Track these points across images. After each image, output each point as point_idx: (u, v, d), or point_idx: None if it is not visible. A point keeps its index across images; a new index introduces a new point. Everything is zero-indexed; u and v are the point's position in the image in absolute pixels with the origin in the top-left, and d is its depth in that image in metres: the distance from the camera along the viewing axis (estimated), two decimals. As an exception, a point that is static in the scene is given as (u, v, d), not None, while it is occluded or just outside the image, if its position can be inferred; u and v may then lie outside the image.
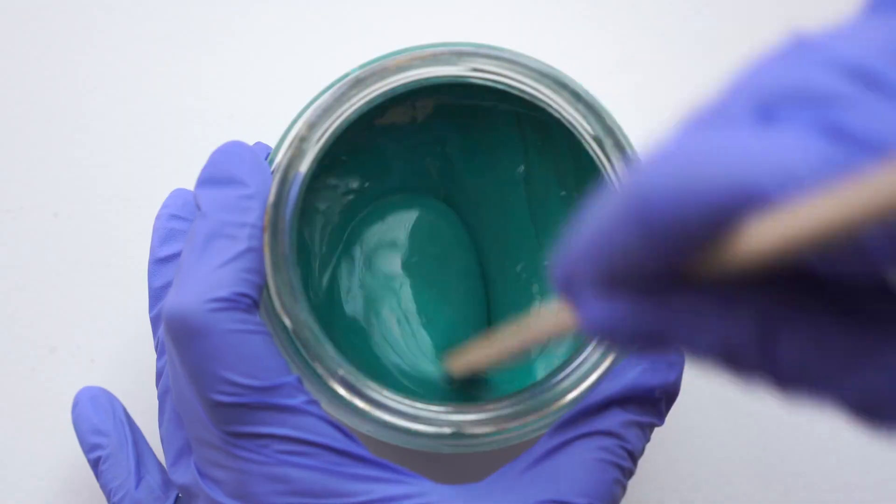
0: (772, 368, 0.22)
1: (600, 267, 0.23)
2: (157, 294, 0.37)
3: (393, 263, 0.41)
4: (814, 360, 0.21)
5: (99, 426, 0.38)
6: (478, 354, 0.36)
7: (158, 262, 0.37)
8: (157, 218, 0.38)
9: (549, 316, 0.30)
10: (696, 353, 0.22)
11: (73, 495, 0.42)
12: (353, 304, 0.40)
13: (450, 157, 0.41)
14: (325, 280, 0.40)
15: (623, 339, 0.23)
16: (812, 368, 0.21)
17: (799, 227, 0.19)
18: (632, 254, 0.22)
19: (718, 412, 0.44)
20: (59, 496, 0.42)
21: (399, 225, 0.41)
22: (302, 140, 0.36)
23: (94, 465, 0.38)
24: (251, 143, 0.38)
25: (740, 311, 0.22)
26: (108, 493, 0.37)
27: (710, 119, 0.22)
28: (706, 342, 0.22)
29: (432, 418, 0.35)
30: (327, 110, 0.36)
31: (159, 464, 0.38)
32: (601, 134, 0.37)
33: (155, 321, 0.37)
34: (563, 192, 0.41)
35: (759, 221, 0.20)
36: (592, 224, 0.23)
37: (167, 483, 0.37)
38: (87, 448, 0.38)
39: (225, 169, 0.35)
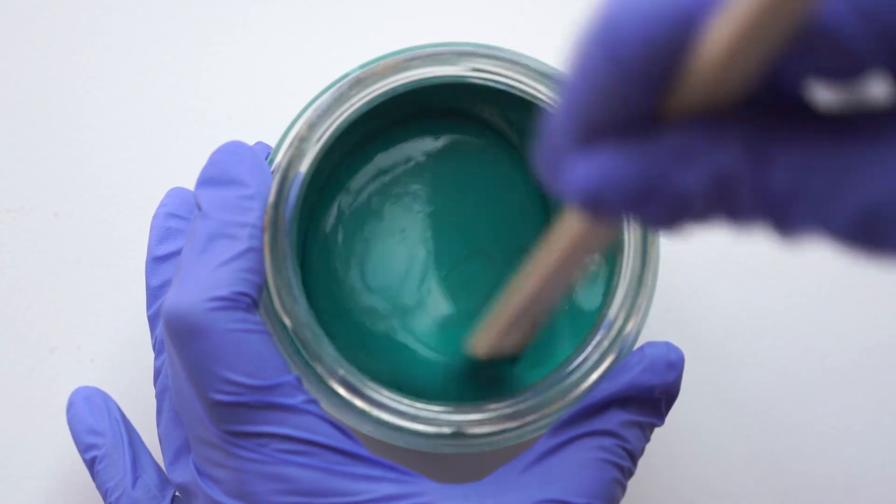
0: (767, 198, 0.21)
1: (577, 117, 0.22)
2: (154, 293, 0.37)
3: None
4: (808, 179, 0.21)
5: (94, 426, 0.38)
6: (504, 320, 0.34)
7: (156, 261, 0.37)
8: (155, 217, 0.38)
9: (561, 235, 0.28)
10: (690, 195, 0.22)
11: (73, 495, 0.42)
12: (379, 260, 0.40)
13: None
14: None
15: (615, 197, 0.22)
16: (807, 190, 0.21)
17: (750, 11, 0.19)
18: (607, 92, 0.21)
19: (718, 412, 0.44)
20: (60, 496, 0.42)
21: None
22: (302, 140, 0.36)
23: (90, 465, 0.38)
24: (251, 143, 0.38)
25: (729, 137, 0.21)
26: (105, 493, 0.37)
27: None
28: (699, 178, 0.21)
29: (432, 418, 0.35)
30: (327, 110, 0.36)
31: (156, 463, 0.38)
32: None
33: (152, 320, 0.37)
34: None
35: (717, 19, 0.20)
36: (565, 87, 0.22)
37: (164, 482, 0.37)
38: (83, 448, 0.38)
39: (225, 169, 0.35)
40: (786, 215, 0.21)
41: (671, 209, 0.22)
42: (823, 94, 0.22)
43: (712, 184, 0.21)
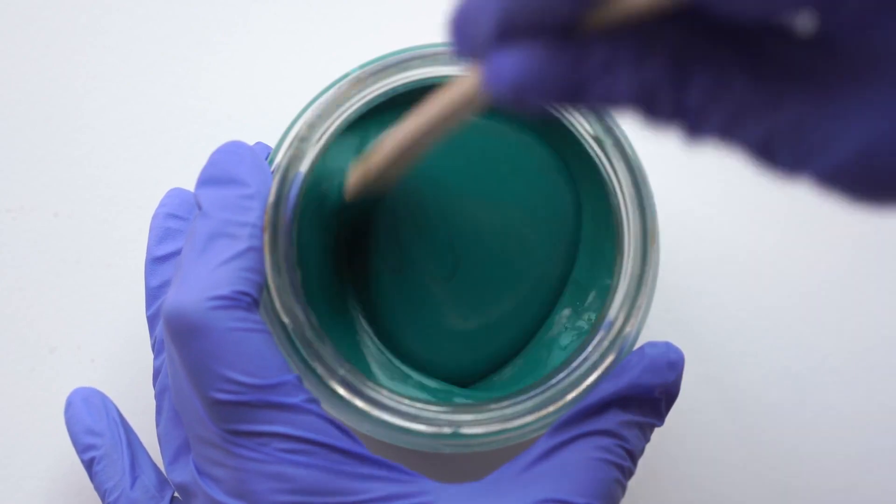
0: (685, 111, 0.23)
1: (504, 16, 0.23)
2: (153, 293, 0.37)
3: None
4: (721, 99, 0.22)
5: (92, 426, 0.38)
6: (381, 152, 0.34)
7: (155, 262, 0.37)
8: (154, 217, 0.38)
9: (453, 87, 0.29)
10: (613, 99, 0.23)
11: (73, 495, 0.42)
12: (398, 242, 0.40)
13: None
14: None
15: (540, 93, 0.23)
16: (719, 108, 0.22)
17: None
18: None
19: (718, 412, 0.44)
20: (60, 496, 0.42)
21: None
22: (302, 140, 0.36)
23: (89, 465, 0.38)
24: (251, 143, 0.38)
25: (655, 51, 0.22)
26: (103, 494, 0.37)
27: None
28: (623, 86, 0.23)
29: (432, 418, 0.35)
30: (327, 110, 0.36)
31: (154, 464, 0.38)
32: (601, 134, 0.37)
33: (152, 320, 0.37)
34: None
35: None
36: None
37: (162, 482, 0.37)
38: (81, 449, 0.38)
39: (225, 169, 0.35)
40: (696, 128, 0.23)
41: (592, 107, 0.23)
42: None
43: (635, 92, 0.23)
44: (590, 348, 0.36)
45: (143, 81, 0.44)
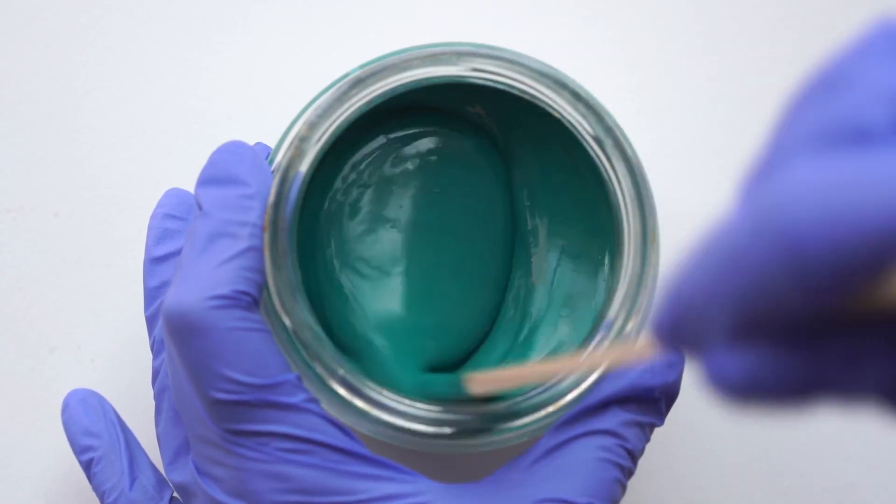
0: None
1: (737, 314, 0.20)
2: (152, 294, 0.37)
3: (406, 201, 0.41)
4: None
5: (90, 428, 0.38)
6: (507, 379, 0.34)
7: (154, 262, 0.37)
8: (152, 217, 0.38)
9: (622, 349, 0.28)
10: (856, 394, 0.20)
11: (72, 495, 0.42)
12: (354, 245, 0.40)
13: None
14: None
15: (762, 395, 0.20)
16: None
17: None
18: (781, 299, 0.19)
19: (718, 412, 0.44)
20: (59, 496, 0.42)
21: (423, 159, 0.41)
22: (302, 140, 0.36)
23: (87, 467, 0.38)
24: (251, 143, 0.38)
25: None
26: (102, 495, 0.37)
27: (835, 136, 0.20)
28: (869, 382, 0.20)
29: (432, 418, 0.35)
30: (327, 110, 0.36)
31: (152, 464, 0.38)
32: (601, 134, 0.37)
33: (150, 320, 0.37)
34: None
35: None
36: (717, 264, 0.20)
37: (161, 483, 0.37)
38: (79, 450, 0.38)
39: (226, 168, 0.35)
40: None
41: (829, 401, 0.21)
42: None
43: (882, 385, 0.20)
44: (590, 348, 0.36)
45: (143, 81, 0.44)
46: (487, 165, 0.41)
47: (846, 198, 0.18)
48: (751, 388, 0.20)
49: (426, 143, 0.41)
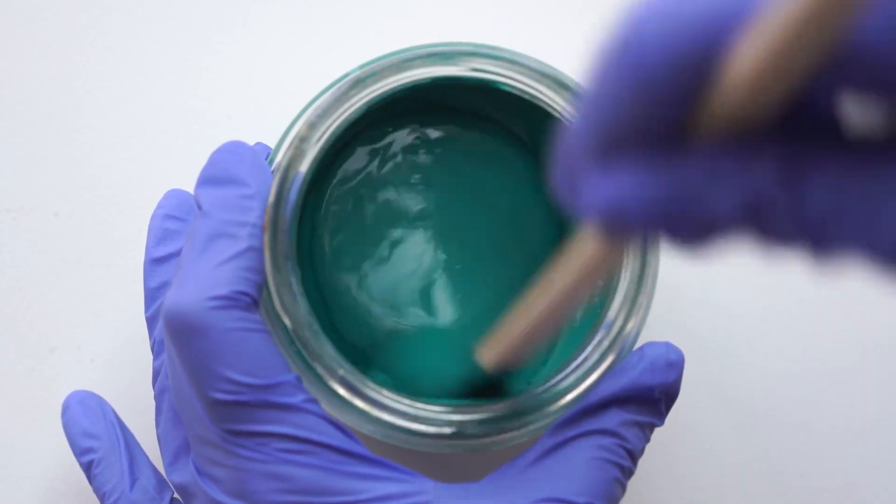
0: (802, 220, 0.20)
1: (598, 132, 0.21)
2: (152, 294, 0.37)
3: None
4: (848, 200, 0.20)
5: (90, 429, 0.38)
6: (513, 336, 0.33)
7: (154, 263, 0.37)
8: (153, 218, 0.38)
9: (573, 256, 0.27)
10: (720, 216, 0.20)
11: (72, 496, 0.42)
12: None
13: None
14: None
15: (639, 217, 0.21)
16: (847, 211, 0.20)
17: (782, 33, 0.18)
18: (630, 108, 0.20)
19: (718, 412, 0.44)
20: (59, 496, 0.42)
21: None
22: (302, 140, 0.36)
23: (87, 468, 0.38)
24: (251, 143, 0.38)
25: (762, 158, 0.20)
26: (102, 497, 0.37)
27: None
28: (730, 200, 0.20)
29: (432, 418, 0.35)
30: (327, 110, 0.36)
31: (153, 465, 0.38)
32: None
33: (151, 321, 0.37)
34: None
35: (750, 34, 0.19)
36: (583, 101, 0.21)
37: (161, 484, 0.37)
38: (79, 452, 0.38)
39: (225, 169, 0.35)
40: (823, 238, 0.20)
41: (699, 230, 0.21)
42: (859, 112, 0.21)
43: (745, 205, 0.20)
44: (590, 348, 0.36)
45: (143, 81, 0.44)
46: (519, 165, 0.41)
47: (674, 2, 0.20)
48: (625, 208, 0.21)
49: (449, 143, 0.41)
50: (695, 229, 0.21)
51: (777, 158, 0.20)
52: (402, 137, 0.41)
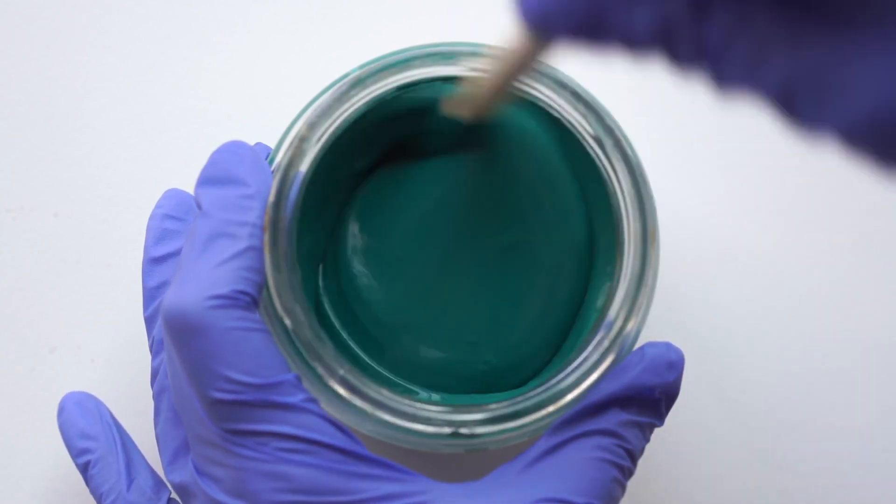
0: (703, 49, 0.22)
1: None
2: (151, 294, 0.37)
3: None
4: (743, 35, 0.22)
5: (86, 430, 0.38)
6: (477, 89, 0.35)
7: (153, 262, 0.37)
8: (151, 218, 0.38)
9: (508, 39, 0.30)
10: (633, 37, 0.23)
11: (72, 496, 0.42)
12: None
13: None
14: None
15: (560, 25, 0.23)
16: (741, 45, 0.22)
17: None
18: None
19: (718, 412, 0.44)
20: (59, 496, 0.42)
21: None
22: (302, 140, 0.36)
23: (84, 469, 0.38)
24: (251, 143, 0.38)
25: None
26: (99, 497, 0.37)
27: None
28: (642, 19, 0.22)
29: (432, 418, 0.35)
30: (327, 110, 0.36)
31: (149, 465, 0.38)
32: (601, 134, 0.37)
33: (149, 321, 0.37)
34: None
35: None
36: None
37: (159, 484, 0.37)
38: (76, 453, 0.38)
39: (225, 168, 0.35)
40: (719, 69, 0.22)
41: (614, 42, 0.23)
42: None
43: (655, 27, 0.22)
44: (590, 348, 0.36)
45: (143, 81, 0.44)
46: (510, 163, 0.41)
47: None
48: (548, 16, 0.23)
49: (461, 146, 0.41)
50: (610, 41, 0.23)
51: None
52: (403, 139, 0.41)
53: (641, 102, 0.45)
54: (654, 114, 0.45)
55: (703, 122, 0.45)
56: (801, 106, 0.21)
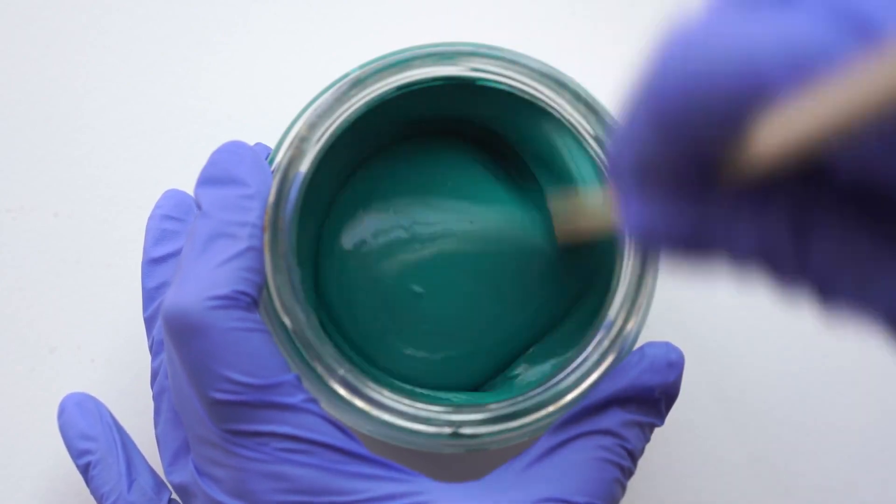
0: (808, 270, 0.21)
1: (632, 163, 0.22)
2: (150, 294, 0.37)
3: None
4: (846, 260, 0.21)
5: (87, 431, 0.38)
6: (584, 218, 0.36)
7: (152, 263, 0.37)
8: (150, 218, 0.38)
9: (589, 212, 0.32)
10: (735, 254, 0.22)
11: (72, 496, 0.42)
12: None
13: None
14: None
15: (660, 240, 0.23)
16: (845, 269, 0.21)
17: (807, 121, 0.19)
18: (653, 151, 0.21)
19: (718, 412, 0.44)
20: (59, 496, 0.42)
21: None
22: (302, 140, 0.36)
23: (84, 470, 0.38)
24: (251, 143, 0.38)
25: (776, 209, 0.21)
26: (100, 498, 0.37)
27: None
28: (743, 242, 0.22)
29: (432, 418, 0.35)
30: (327, 110, 0.36)
31: (150, 466, 0.38)
32: (601, 134, 0.37)
33: (149, 322, 0.37)
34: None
35: (770, 116, 0.20)
36: (623, 115, 0.22)
37: (159, 485, 0.37)
38: (77, 454, 0.38)
39: (226, 168, 0.35)
40: (828, 290, 0.22)
41: (715, 258, 0.23)
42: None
43: (757, 249, 0.22)
44: (590, 348, 0.36)
45: (143, 81, 0.44)
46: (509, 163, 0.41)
47: (708, 51, 0.20)
48: (651, 233, 0.23)
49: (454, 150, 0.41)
50: (712, 259, 0.23)
51: (789, 212, 0.21)
52: (403, 138, 0.41)
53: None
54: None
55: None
56: None
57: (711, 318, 0.44)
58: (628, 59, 0.45)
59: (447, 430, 0.35)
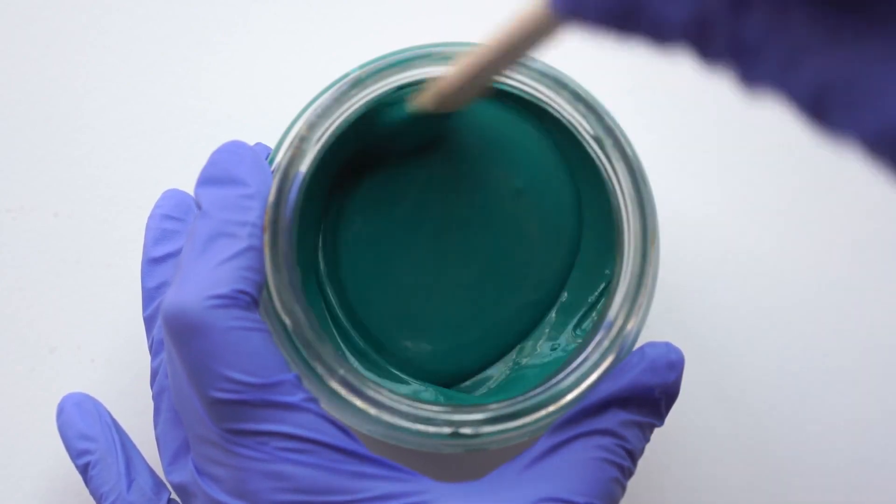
0: (737, 45, 0.22)
1: None
2: (150, 294, 0.37)
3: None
4: (779, 35, 0.21)
5: (86, 431, 0.38)
6: (451, 81, 0.34)
7: (152, 263, 0.37)
8: (150, 218, 0.38)
9: (523, 14, 0.30)
10: (666, 28, 0.22)
11: (72, 495, 0.42)
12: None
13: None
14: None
15: (594, 14, 0.23)
16: (776, 44, 0.21)
17: None
18: None
19: (718, 412, 0.44)
20: (59, 496, 0.42)
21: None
22: (302, 140, 0.36)
23: (83, 470, 0.38)
24: (251, 143, 0.38)
25: None
26: (99, 498, 0.37)
27: None
28: (678, 11, 0.22)
29: (432, 418, 0.35)
30: (327, 110, 0.36)
31: (149, 466, 0.38)
32: (601, 134, 0.37)
33: (148, 321, 0.37)
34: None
35: None
36: None
37: (158, 485, 0.37)
38: (76, 454, 0.38)
39: (225, 168, 0.35)
40: (750, 67, 0.22)
41: (645, 34, 0.23)
42: None
43: (690, 19, 0.22)
44: (590, 348, 0.36)
45: (143, 81, 0.44)
46: (509, 163, 0.41)
47: None
48: (579, 6, 0.23)
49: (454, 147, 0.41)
50: (642, 32, 0.23)
51: None
52: (403, 138, 0.41)
53: (641, 102, 0.45)
54: (654, 114, 0.45)
55: (704, 123, 0.45)
56: (830, 111, 0.21)
57: (711, 318, 0.44)
58: (628, 59, 0.45)
59: (447, 430, 0.35)
